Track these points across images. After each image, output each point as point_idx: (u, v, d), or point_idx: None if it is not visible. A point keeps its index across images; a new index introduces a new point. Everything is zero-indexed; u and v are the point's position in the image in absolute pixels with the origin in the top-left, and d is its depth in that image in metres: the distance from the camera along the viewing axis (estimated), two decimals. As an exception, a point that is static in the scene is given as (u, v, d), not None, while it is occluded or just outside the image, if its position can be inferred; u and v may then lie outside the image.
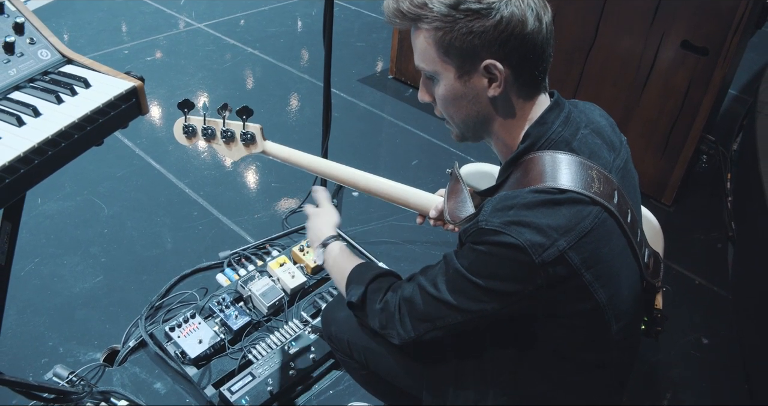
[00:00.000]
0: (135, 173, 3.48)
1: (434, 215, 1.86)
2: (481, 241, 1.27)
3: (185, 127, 1.93)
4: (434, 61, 1.33)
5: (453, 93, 1.36)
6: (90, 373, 2.38)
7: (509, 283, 1.28)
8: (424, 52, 1.34)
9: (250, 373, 2.28)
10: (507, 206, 1.26)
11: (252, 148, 1.92)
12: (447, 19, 1.26)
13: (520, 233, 1.22)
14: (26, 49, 1.62)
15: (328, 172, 1.92)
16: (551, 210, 1.25)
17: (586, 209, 1.27)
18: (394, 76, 4.67)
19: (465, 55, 1.29)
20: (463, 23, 1.26)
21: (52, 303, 2.65)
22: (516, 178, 1.35)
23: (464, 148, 3.89)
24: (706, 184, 3.75)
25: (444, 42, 1.29)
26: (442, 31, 1.28)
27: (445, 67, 1.33)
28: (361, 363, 1.81)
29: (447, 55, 1.31)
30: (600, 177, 1.32)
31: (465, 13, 1.25)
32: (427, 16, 1.28)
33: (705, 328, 2.80)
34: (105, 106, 1.53)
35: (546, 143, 1.35)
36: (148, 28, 5.25)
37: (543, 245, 1.22)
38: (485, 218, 1.27)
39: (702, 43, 3.07)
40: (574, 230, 1.24)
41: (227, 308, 2.48)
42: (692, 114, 3.22)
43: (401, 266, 2.93)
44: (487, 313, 1.34)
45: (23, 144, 1.35)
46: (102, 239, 3.01)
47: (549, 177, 1.29)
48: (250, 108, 1.86)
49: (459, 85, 1.34)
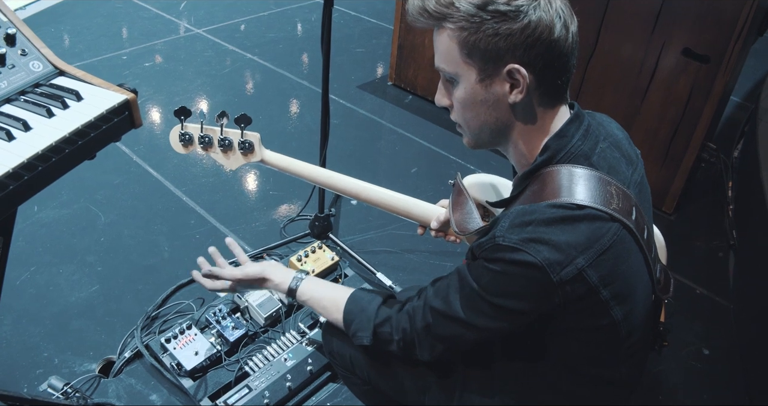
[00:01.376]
0: (132, 181, 3.46)
1: (436, 226, 1.85)
2: (497, 258, 1.25)
3: (182, 135, 1.89)
4: (456, 62, 1.30)
5: (473, 97, 1.32)
6: (85, 384, 2.36)
7: (526, 301, 1.27)
8: (446, 52, 1.31)
9: (246, 385, 2.26)
10: (525, 221, 1.24)
11: (250, 157, 1.89)
12: (473, 20, 1.23)
13: (538, 250, 1.20)
14: (18, 61, 1.61)
15: (328, 182, 1.90)
16: (570, 227, 1.23)
17: (605, 225, 1.25)
18: (394, 82, 4.65)
19: (489, 58, 1.26)
20: (489, 24, 1.22)
21: (47, 313, 2.63)
22: (533, 191, 1.33)
23: (464, 156, 3.87)
24: (707, 192, 3.72)
25: (468, 43, 1.26)
26: (467, 32, 1.25)
27: (467, 69, 1.30)
28: (364, 378, 1.79)
29: (470, 57, 1.27)
30: (619, 193, 1.31)
31: (492, 15, 1.22)
32: (452, 16, 1.25)
33: (706, 338, 2.78)
34: (97, 119, 1.51)
35: (565, 157, 1.33)
36: (147, 33, 5.24)
37: (561, 263, 1.21)
38: (502, 234, 1.25)
39: (703, 51, 3.05)
40: (592, 248, 1.23)
41: (224, 319, 2.45)
42: (693, 122, 3.20)
43: (399, 275, 2.91)
44: (504, 330, 1.35)
45: (12, 159, 1.33)
46: (98, 247, 2.99)
47: (568, 192, 1.27)
48: (249, 116, 1.83)
49: (480, 88, 1.31)
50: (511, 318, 1.31)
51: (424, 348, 1.47)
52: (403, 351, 1.52)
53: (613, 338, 1.36)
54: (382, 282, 2.80)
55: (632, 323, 1.36)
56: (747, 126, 3.94)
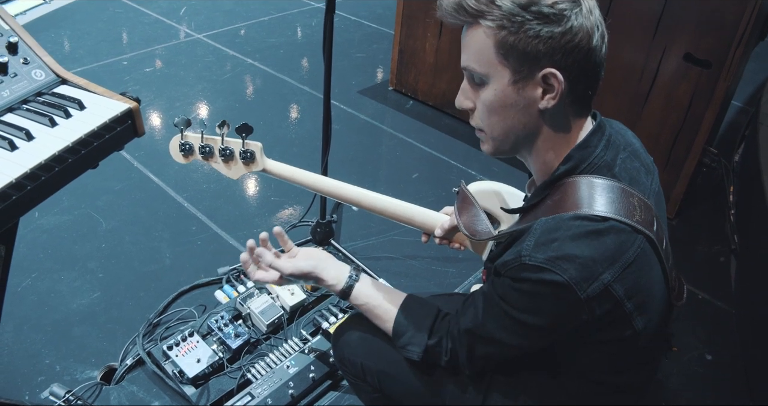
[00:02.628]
0: (133, 187, 3.46)
1: (440, 233, 1.84)
2: (524, 278, 1.25)
3: (182, 145, 1.88)
4: (490, 62, 1.25)
5: (502, 100, 1.28)
6: (87, 392, 2.35)
7: (554, 319, 1.28)
8: (479, 51, 1.26)
9: (249, 393, 2.25)
10: (551, 239, 1.23)
11: (252, 166, 1.88)
12: (515, 19, 1.20)
13: (564, 269, 1.20)
14: (20, 70, 1.61)
15: (330, 190, 1.89)
16: (596, 241, 1.22)
17: (629, 238, 1.25)
18: (395, 87, 4.65)
19: (525, 60, 1.23)
20: (531, 25, 1.19)
21: (49, 320, 2.63)
22: (554, 201, 1.32)
23: (465, 161, 3.87)
24: (709, 197, 3.72)
25: (507, 43, 1.22)
26: (507, 31, 1.21)
27: (500, 69, 1.25)
28: (374, 386, 1.78)
29: (506, 58, 1.24)
30: (641, 205, 1.30)
31: (535, 16, 1.19)
32: (492, 13, 1.21)
33: (708, 343, 2.78)
34: (100, 128, 1.51)
35: (588, 168, 1.32)
36: (148, 38, 5.24)
37: (587, 280, 1.21)
38: (528, 253, 1.24)
39: (705, 56, 3.04)
40: (618, 262, 1.23)
41: (226, 326, 2.45)
42: (695, 127, 3.20)
43: (402, 281, 2.91)
44: (536, 346, 1.37)
45: (16, 170, 1.33)
46: (100, 253, 2.99)
47: (591, 204, 1.26)
48: (250, 125, 1.81)
49: (511, 91, 1.27)
50: (540, 335, 1.33)
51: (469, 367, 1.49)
52: (451, 368, 1.55)
53: (632, 347, 1.37)
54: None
55: (650, 332, 1.36)
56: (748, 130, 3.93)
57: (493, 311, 1.35)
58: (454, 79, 4.20)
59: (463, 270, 3.02)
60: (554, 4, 1.19)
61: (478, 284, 1.97)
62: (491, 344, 1.40)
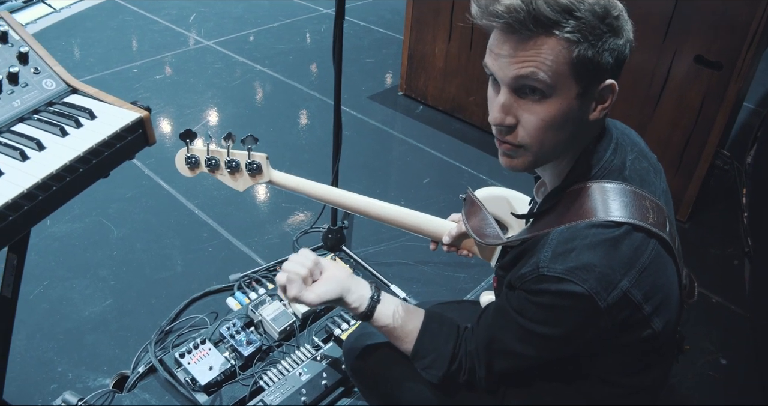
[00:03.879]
0: (144, 194, 3.46)
1: (448, 240, 1.84)
2: (543, 290, 1.23)
3: (188, 159, 1.90)
4: (560, 74, 1.16)
5: (566, 114, 1.20)
6: (99, 399, 2.35)
7: (575, 329, 1.26)
8: (550, 63, 1.15)
9: (261, 400, 2.25)
10: (568, 249, 1.22)
11: (258, 178, 1.89)
12: (595, 32, 1.14)
13: (583, 279, 1.19)
14: (30, 80, 1.61)
15: (337, 200, 1.89)
16: (612, 249, 1.21)
17: (645, 242, 1.24)
18: (404, 92, 4.65)
19: (596, 72, 1.18)
20: (606, 38, 1.15)
21: (61, 327, 2.63)
22: (566, 208, 1.30)
23: (476, 166, 3.86)
24: (721, 199, 3.70)
25: (585, 56, 1.15)
26: (588, 44, 1.14)
27: (568, 82, 1.18)
28: (385, 395, 1.78)
29: (577, 70, 1.16)
30: (653, 206, 1.29)
31: (608, 28, 1.15)
32: (569, 25, 1.12)
33: (723, 347, 2.75)
34: (111, 138, 1.51)
35: (599, 173, 1.30)
36: (158, 46, 5.26)
37: (607, 289, 1.19)
38: (546, 264, 1.22)
39: (716, 58, 3.03)
40: (634, 267, 1.22)
41: (238, 334, 2.44)
42: (707, 129, 3.18)
43: (413, 287, 2.90)
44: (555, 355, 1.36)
45: (27, 180, 1.32)
46: (111, 261, 2.99)
47: (605, 210, 1.24)
48: (255, 137, 1.83)
49: (575, 104, 1.20)
50: (559, 346, 1.32)
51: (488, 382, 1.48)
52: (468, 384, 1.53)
53: (649, 348, 1.35)
54: (396, 294, 2.79)
55: (667, 332, 1.35)
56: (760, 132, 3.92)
57: (509, 326, 1.34)
58: (463, 84, 4.19)
59: (475, 276, 3.01)
60: (618, 16, 1.17)
61: (489, 290, 1.96)
62: (509, 358, 1.39)
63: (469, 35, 3.99)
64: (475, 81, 4.10)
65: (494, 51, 1.20)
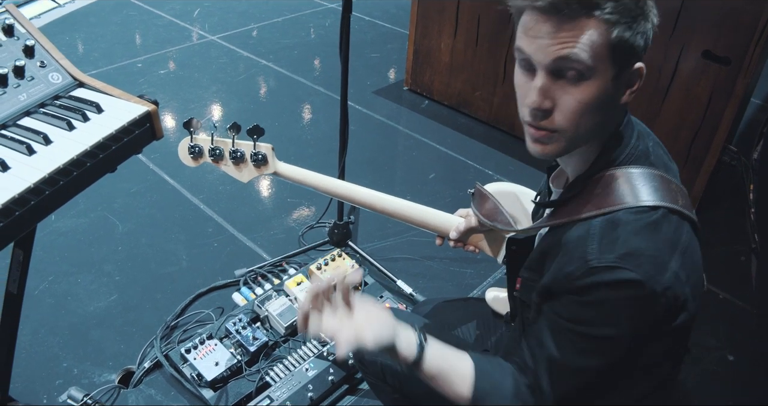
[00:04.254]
0: (149, 189, 3.46)
1: (455, 236, 1.82)
2: (596, 283, 1.19)
3: (191, 148, 1.86)
4: (599, 56, 1.16)
5: (603, 96, 1.20)
6: (105, 395, 2.35)
7: (637, 321, 1.21)
8: (590, 44, 1.15)
9: (268, 396, 2.24)
10: (614, 238, 1.20)
11: (263, 169, 1.86)
12: (632, 14, 1.15)
13: (636, 265, 1.16)
14: (37, 73, 1.59)
15: (343, 193, 1.87)
16: (655, 232, 1.20)
17: (680, 224, 1.24)
18: (410, 87, 4.64)
19: (631, 55, 1.19)
20: (640, 20, 1.16)
21: (66, 323, 2.63)
22: (596, 195, 1.28)
23: (482, 161, 3.84)
24: (728, 195, 3.68)
25: (623, 38, 1.15)
26: (625, 26, 1.15)
27: (606, 64, 1.17)
28: (395, 387, 1.76)
29: (614, 52, 1.16)
30: (679, 190, 1.29)
31: (642, 10, 1.16)
32: (608, 6, 1.13)
33: (730, 344, 2.74)
34: (118, 132, 1.49)
35: (626, 158, 1.29)
36: (162, 40, 5.24)
37: (660, 272, 1.18)
38: (596, 256, 1.19)
39: (724, 53, 3.01)
40: (677, 248, 1.21)
41: (244, 329, 2.43)
42: (714, 125, 3.17)
43: (420, 282, 2.89)
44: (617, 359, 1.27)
45: (34, 174, 1.31)
46: (116, 256, 2.99)
47: (638, 195, 1.24)
48: (261, 127, 1.79)
49: (611, 87, 1.20)
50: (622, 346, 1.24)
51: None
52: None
53: (683, 335, 1.34)
54: (402, 290, 2.78)
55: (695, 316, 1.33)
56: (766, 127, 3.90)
57: (567, 342, 1.27)
58: (469, 79, 4.18)
59: (482, 271, 3.00)
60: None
61: (495, 287, 1.94)
62: (574, 377, 1.30)
63: (475, 30, 3.98)
64: (481, 76, 4.08)
65: (530, 33, 1.19)
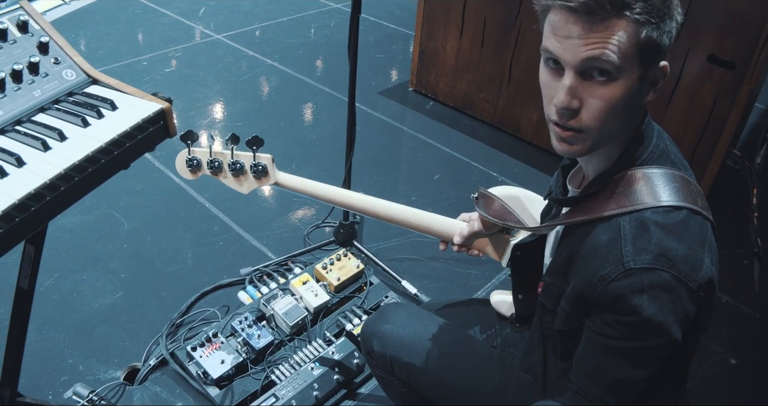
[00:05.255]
0: (155, 187, 3.46)
1: (458, 240, 1.82)
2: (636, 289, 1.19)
3: (189, 161, 1.86)
4: (627, 56, 1.17)
5: (630, 95, 1.21)
6: (110, 392, 2.35)
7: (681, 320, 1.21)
8: (620, 44, 1.16)
9: (273, 394, 2.25)
10: (647, 239, 1.20)
11: (264, 180, 1.85)
12: (660, 14, 1.16)
13: (671, 265, 1.18)
14: (51, 70, 1.60)
15: (345, 202, 1.86)
16: (685, 230, 1.21)
17: (703, 223, 1.25)
18: (415, 88, 4.65)
19: (657, 54, 1.20)
20: (667, 20, 1.18)
21: (71, 319, 2.63)
22: (618, 194, 1.28)
23: (486, 163, 3.85)
24: (731, 199, 3.69)
25: (651, 38, 1.17)
26: (654, 26, 1.16)
27: (633, 64, 1.19)
28: (402, 380, 1.78)
29: (641, 52, 1.18)
30: (698, 192, 1.30)
31: (669, 10, 1.17)
32: (637, 6, 1.14)
33: (732, 347, 2.75)
34: (133, 129, 1.50)
35: (648, 158, 1.30)
36: (167, 39, 5.25)
37: (694, 270, 1.19)
38: (632, 258, 1.20)
39: (729, 57, 3.03)
40: (706, 245, 1.23)
41: (249, 327, 2.44)
42: (718, 129, 3.18)
43: (424, 283, 2.90)
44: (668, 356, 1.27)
45: (49, 170, 1.31)
46: (122, 254, 2.99)
47: (659, 196, 1.24)
48: (261, 138, 1.78)
49: (638, 86, 1.22)
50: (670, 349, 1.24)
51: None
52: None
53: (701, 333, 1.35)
54: (407, 290, 2.79)
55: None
56: (770, 132, 3.92)
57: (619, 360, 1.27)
58: (474, 81, 4.19)
59: (486, 272, 3.01)
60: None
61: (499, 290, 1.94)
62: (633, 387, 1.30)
63: (480, 32, 3.99)
64: (486, 78, 4.09)
65: (560, 34, 1.20)
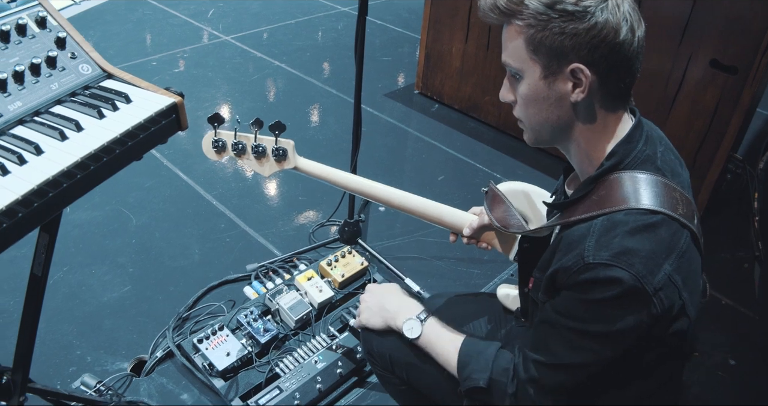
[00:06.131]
0: (163, 184, 3.51)
1: (468, 233, 1.85)
2: (591, 279, 1.26)
3: (215, 142, 1.91)
4: (522, 58, 1.32)
5: (535, 93, 1.34)
6: (117, 382, 2.39)
7: (630, 319, 1.26)
8: (513, 48, 1.33)
9: (277, 386, 2.29)
10: (611, 237, 1.26)
11: (284, 163, 1.91)
12: (541, 18, 1.26)
13: (630, 264, 1.22)
14: (68, 64, 1.64)
15: (360, 189, 1.91)
16: (652, 234, 1.25)
17: (679, 230, 1.28)
18: (420, 91, 4.69)
19: (553, 55, 1.28)
20: (556, 23, 1.25)
21: (80, 312, 2.68)
22: (599, 197, 1.34)
23: (491, 164, 3.89)
24: (733, 203, 3.72)
25: (535, 40, 1.28)
26: (535, 29, 1.27)
27: (531, 65, 1.32)
28: (402, 378, 1.81)
29: (535, 54, 1.30)
30: (683, 199, 1.33)
31: (560, 14, 1.24)
32: (521, 13, 1.27)
33: (732, 349, 2.78)
34: (146, 121, 1.54)
35: (632, 162, 1.34)
36: (176, 40, 5.30)
37: (652, 273, 1.23)
38: (591, 253, 1.26)
39: (731, 62, 3.05)
40: (674, 252, 1.26)
41: (255, 321, 2.48)
42: (720, 133, 3.21)
43: (428, 281, 2.93)
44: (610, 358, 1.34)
45: (67, 158, 1.36)
46: (130, 249, 3.04)
47: (638, 199, 1.29)
48: (283, 123, 1.85)
49: (543, 85, 1.33)
50: (617, 343, 1.31)
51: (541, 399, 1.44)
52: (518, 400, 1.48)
53: (682, 341, 1.37)
54: (410, 288, 2.83)
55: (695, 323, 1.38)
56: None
57: (559, 335, 1.35)
58: (479, 84, 4.22)
59: (488, 271, 3.04)
60: (578, 1, 1.24)
61: (506, 284, 1.98)
62: (561, 371, 1.38)
63: (486, 35, 4.02)
64: (491, 81, 4.13)
65: None
